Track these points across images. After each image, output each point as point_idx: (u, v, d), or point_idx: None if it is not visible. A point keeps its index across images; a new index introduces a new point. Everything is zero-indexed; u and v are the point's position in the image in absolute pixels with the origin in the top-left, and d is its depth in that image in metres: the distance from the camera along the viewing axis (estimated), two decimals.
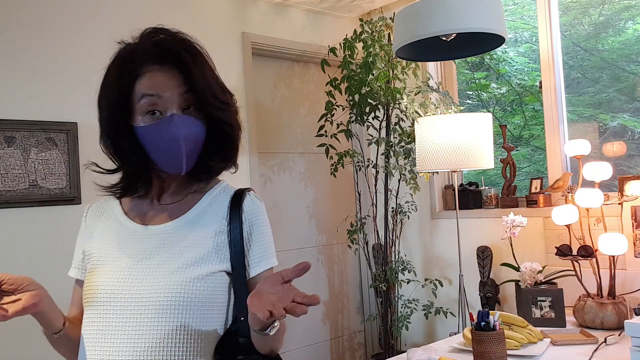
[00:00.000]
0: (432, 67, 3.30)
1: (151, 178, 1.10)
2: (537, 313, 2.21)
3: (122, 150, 1.05)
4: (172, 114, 1.01)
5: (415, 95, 3.00)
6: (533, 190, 2.79)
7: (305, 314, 0.99)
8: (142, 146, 1.04)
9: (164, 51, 1.02)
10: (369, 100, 3.01)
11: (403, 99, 2.92)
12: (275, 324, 0.95)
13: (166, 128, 1.00)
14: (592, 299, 2.14)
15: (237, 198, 1.12)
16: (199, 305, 1.02)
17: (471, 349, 1.75)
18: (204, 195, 1.13)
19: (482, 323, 1.68)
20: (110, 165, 1.10)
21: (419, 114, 2.89)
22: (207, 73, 1.05)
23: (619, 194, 2.29)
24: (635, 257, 2.28)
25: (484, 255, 2.82)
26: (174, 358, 1.00)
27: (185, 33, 1.08)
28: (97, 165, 1.11)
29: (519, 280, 2.38)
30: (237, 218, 1.09)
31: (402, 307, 3.27)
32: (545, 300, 2.21)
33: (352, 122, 3.16)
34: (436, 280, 3.13)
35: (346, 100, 3.12)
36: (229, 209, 1.10)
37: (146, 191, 1.11)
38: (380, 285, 3.09)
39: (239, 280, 1.06)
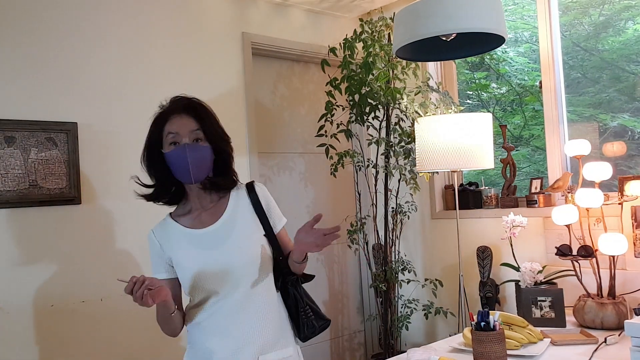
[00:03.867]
0: (432, 67, 3.30)
1: (179, 190, 1.66)
2: (537, 313, 2.22)
3: (156, 169, 1.62)
4: (185, 144, 1.57)
5: (415, 95, 3.00)
6: (533, 190, 2.79)
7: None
8: (168, 166, 1.60)
9: (183, 105, 1.62)
10: (369, 100, 3.01)
11: (403, 99, 2.92)
12: (307, 256, 1.62)
13: (180, 152, 1.56)
14: (592, 299, 2.14)
15: (250, 188, 1.72)
16: (263, 257, 1.64)
17: (471, 349, 1.75)
18: (229, 198, 1.69)
19: (482, 323, 1.68)
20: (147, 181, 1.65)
21: (419, 114, 2.89)
22: (212, 119, 1.64)
23: (619, 194, 2.29)
24: (635, 257, 2.28)
25: (484, 255, 2.82)
26: (264, 296, 1.63)
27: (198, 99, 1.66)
28: (139, 179, 1.63)
29: (519, 280, 2.38)
30: (256, 200, 1.70)
31: (402, 307, 3.27)
32: (545, 300, 2.21)
33: (352, 122, 3.16)
34: (436, 280, 3.13)
35: (346, 100, 3.12)
36: (248, 197, 1.70)
37: (184, 204, 1.68)
38: (380, 285, 3.09)
39: (271, 236, 1.68)
